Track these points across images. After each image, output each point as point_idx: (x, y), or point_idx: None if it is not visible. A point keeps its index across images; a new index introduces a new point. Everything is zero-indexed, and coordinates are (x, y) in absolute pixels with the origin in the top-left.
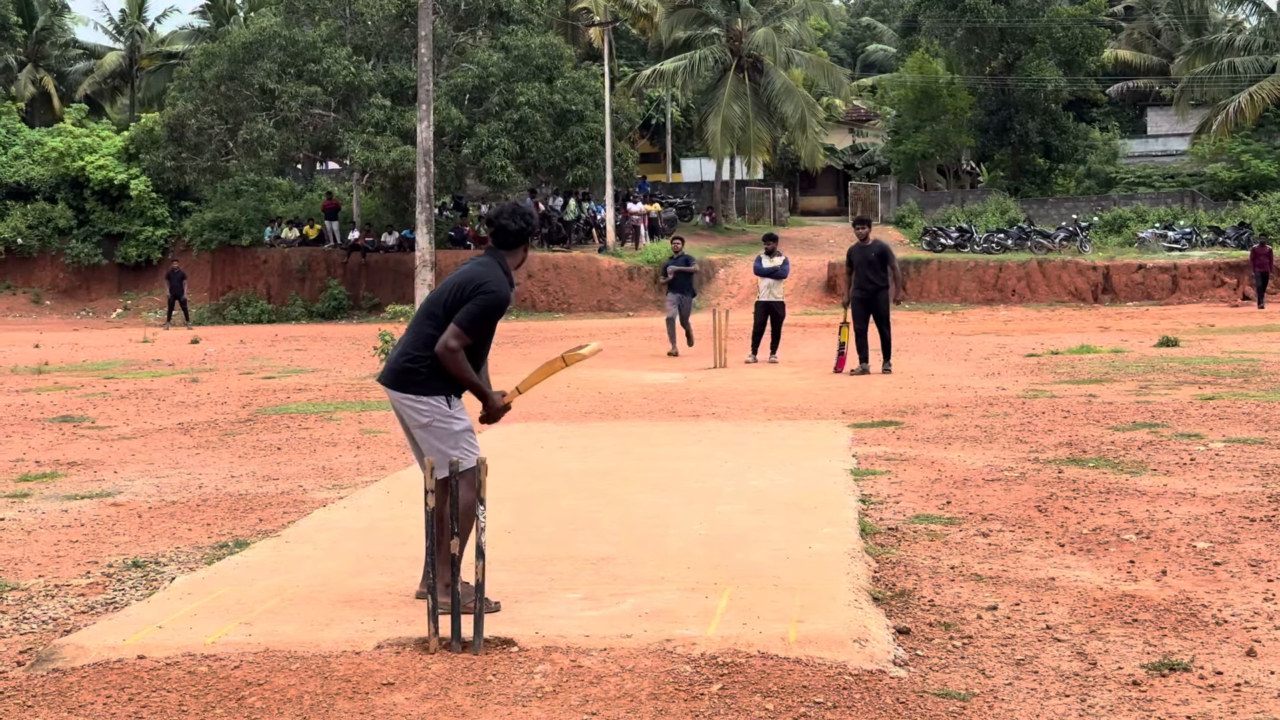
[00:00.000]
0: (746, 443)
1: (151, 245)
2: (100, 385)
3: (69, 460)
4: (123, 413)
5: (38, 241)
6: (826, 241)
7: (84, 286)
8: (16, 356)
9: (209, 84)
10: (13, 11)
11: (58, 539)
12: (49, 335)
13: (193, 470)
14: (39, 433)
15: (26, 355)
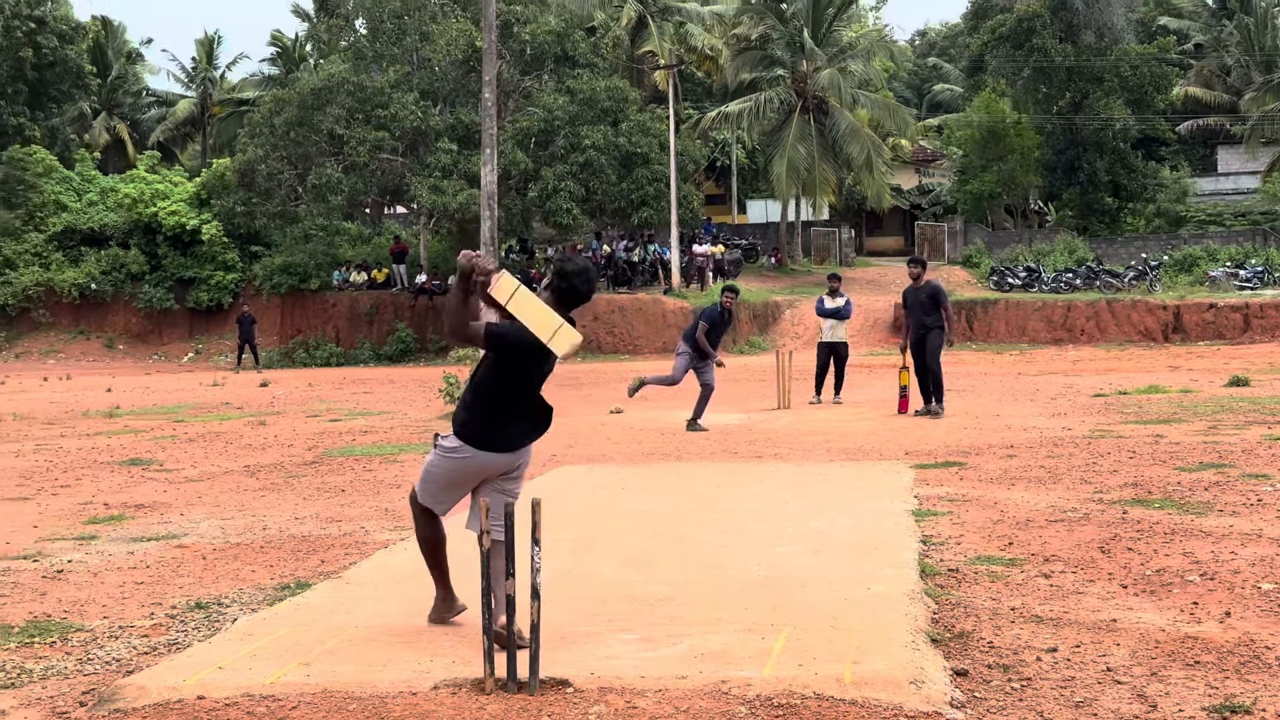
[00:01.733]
0: (808, 484)
1: (222, 290)
2: (170, 428)
3: (137, 503)
4: (191, 456)
5: (111, 287)
6: (892, 282)
7: (156, 331)
8: (89, 400)
9: (279, 130)
10: (88, 61)
11: (123, 581)
12: (121, 379)
13: (257, 512)
14: (108, 475)
15: (99, 399)
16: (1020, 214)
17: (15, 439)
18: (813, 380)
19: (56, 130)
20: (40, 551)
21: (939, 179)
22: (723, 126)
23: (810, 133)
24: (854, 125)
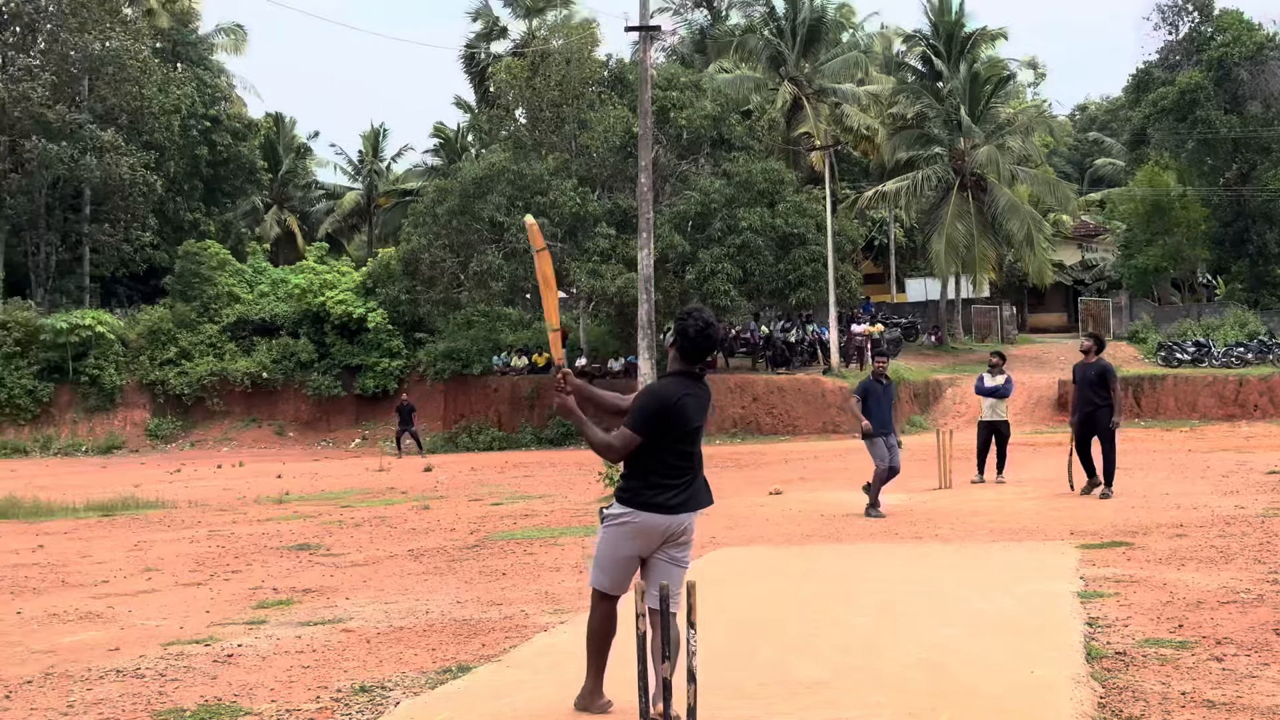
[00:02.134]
0: (969, 565)
1: (388, 376)
2: (337, 514)
3: (304, 587)
4: (356, 540)
5: (282, 375)
6: (1056, 359)
7: (324, 418)
8: (261, 487)
9: (441, 219)
10: (260, 156)
11: (290, 665)
12: (291, 465)
13: (420, 596)
14: (277, 560)
15: (269, 485)
16: (1187, 288)
17: (190, 525)
18: (974, 459)
19: (230, 224)
20: (212, 636)
21: (1102, 254)
22: (880, 205)
23: (969, 210)
24: (1013, 201)
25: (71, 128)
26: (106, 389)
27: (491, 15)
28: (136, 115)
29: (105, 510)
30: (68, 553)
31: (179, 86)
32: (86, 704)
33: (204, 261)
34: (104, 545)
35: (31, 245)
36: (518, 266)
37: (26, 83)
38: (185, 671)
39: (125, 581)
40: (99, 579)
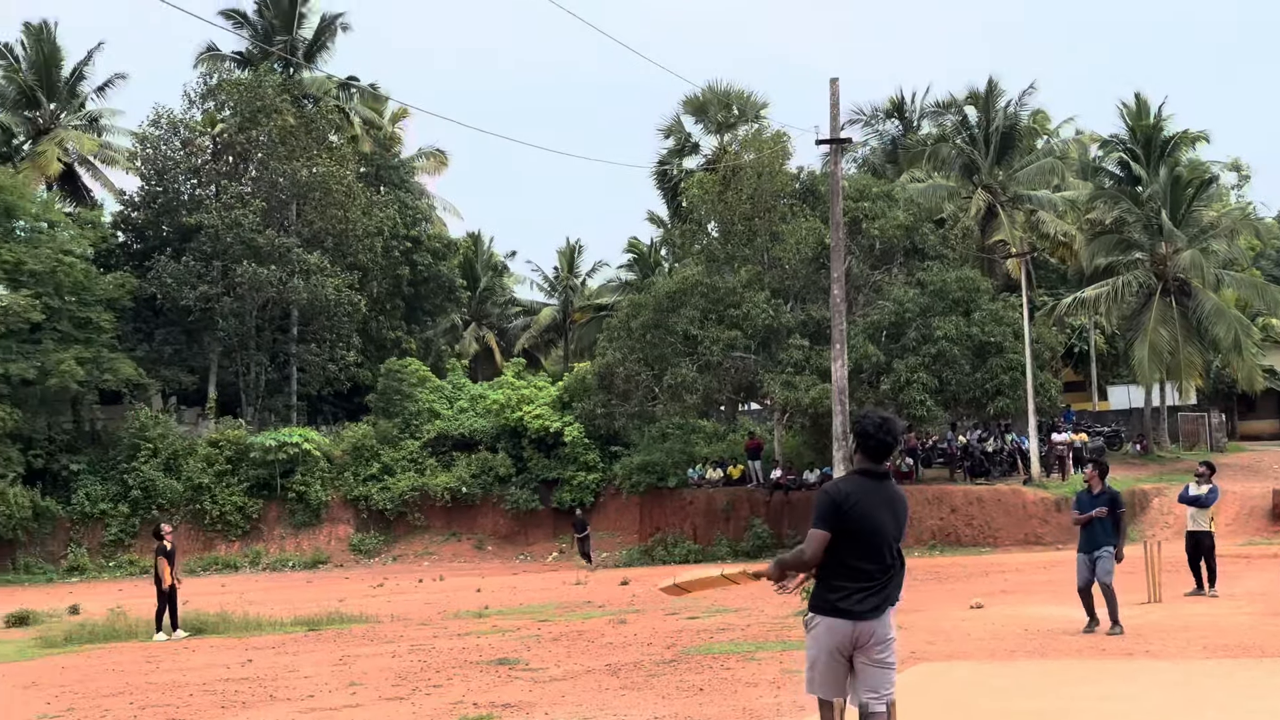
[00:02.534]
0: (1182, 683)
1: (584, 489)
2: (535, 628)
3: (504, 702)
4: (554, 654)
5: (480, 490)
6: (1270, 467)
7: (522, 532)
8: (460, 601)
9: (635, 333)
10: (459, 275)
11: None
12: (490, 579)
13: (619, 711)
14: (478, 675)
15: (469, 599)
16: None
17: (392, 639)
18: (1185, 572)
19: (430, 341)
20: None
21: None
22: (1079, 312)
23: (1172, 315)
24: (1219, 306)
25: (280, 251)
26: (312, 505)
27: (684, 131)
28: (341, 238)
29: (311, 625)
30: (276, 667)
31: (382, 209)
32: None
33: (405, 379)
34: (310, 659)
35: (242, 365)
36: (711, 379)
37: (239, 209)
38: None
39: (330, 696)
40: (305, 693)
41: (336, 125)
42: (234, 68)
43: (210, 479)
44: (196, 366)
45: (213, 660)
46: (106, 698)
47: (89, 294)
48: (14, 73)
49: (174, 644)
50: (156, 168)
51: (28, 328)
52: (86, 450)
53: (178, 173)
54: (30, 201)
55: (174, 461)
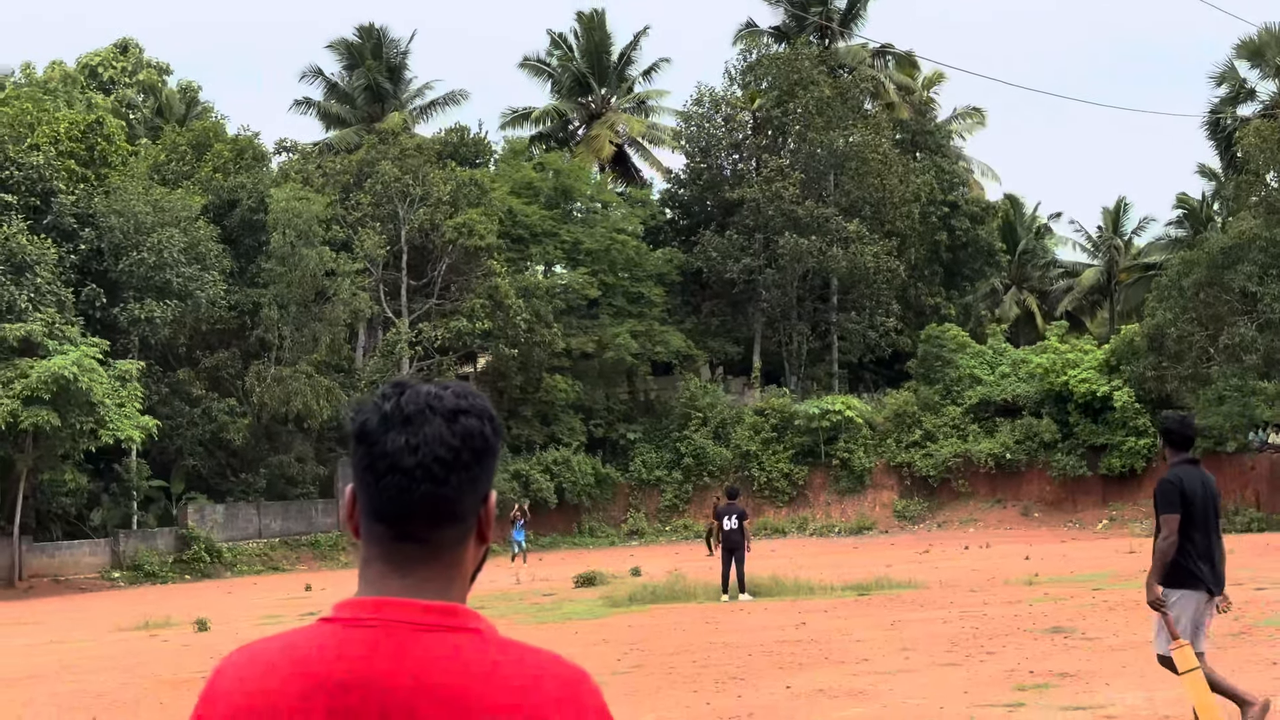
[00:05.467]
0: None
1: (1134, 455)
2: (1089, 596)
3: (1061, 671)
4: (1111, 624)
5: (1025, 456)
6: None
7: (1069, 498)
8: (1008, 568)
9: (1187, 292)
10: (998, 238)
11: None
12: (1038, 547)
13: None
14: (1031, 643)
15: (1017, 567)
16: None
17: (942, 605)
18: None
19: (969, 307)
20: (972, 717)
21: None
22: None
23: None
24: None
25: (819, 221)
26: (856, 471)
27: (1237, 78)
28: (879, 205)
29: (861, 590)
30: (829, 630)
31: (918, 175)
32: None
33: (945, 344)
34: (862, 624)
35: (784, 335)
36: (1272, 338)
37: (778, 182)
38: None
39: (884, 659)
40: (859, 656)
41: (872, 93)
42: (771, 42)
43: (757, 446)
44: (741, 337)
45: (768, 622)
46: (670, 655)
47: (640, 270)
48: (568, 61)
49: (732, 605)
50: (700, 145)
51: (585, 304)
52: (641, 419)
53: (719, 149)
54: (585, 184)
55: (723, 430)
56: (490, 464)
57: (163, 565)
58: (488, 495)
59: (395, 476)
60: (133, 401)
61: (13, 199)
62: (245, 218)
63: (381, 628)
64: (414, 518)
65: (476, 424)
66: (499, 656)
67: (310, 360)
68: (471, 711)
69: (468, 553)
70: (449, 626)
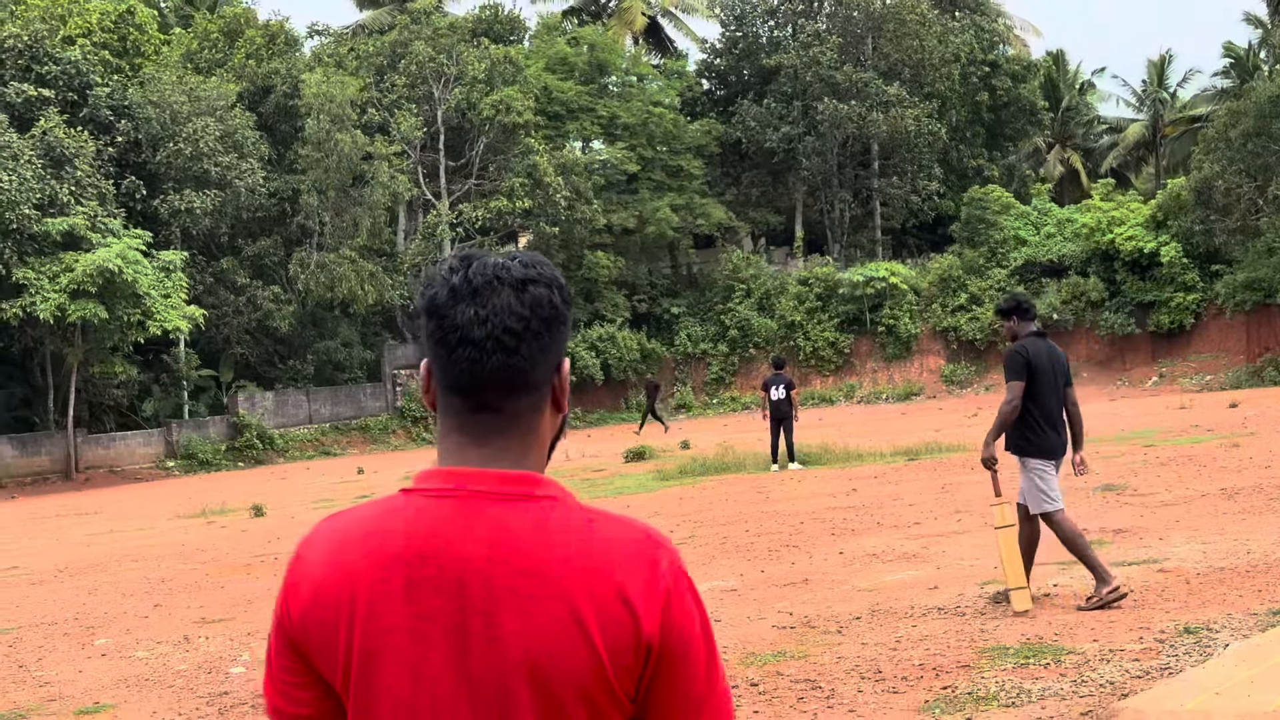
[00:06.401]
0: None
1: (1183, 311)
2: (1140, 453)
3: (1114, 527)
4: (1164, 480)
5: (1072, 315)
6: None
7: (1118, 357)
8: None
9: (1235, 143)
10: (1040, 97)
11: None
12: (1087, 406)
13: (1239, 536)
14: (1084, 501)
15: None
16: None
17: None
18: None
19: (1013, 167)
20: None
21: None
22: None
23: None
24: None
25: (858, 86)
26: (902, 337)
27: None
28: (918, 68)
29: (910, 455)
30: (879, 496)
31: (957, 35)
32: (913, 639)
33: (989, 206)
34: (912, 488)
35: (826, 203)
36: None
37: (815, 47)
38: (1003, 610)
39: (936, 523)
40: (911, 520)
41: None
42: None
43: (802, 316)
44: (782, 207)
45: (818, 490)
46: (723, 525)
47: (678, 143)
48: None
49: (782, 475)
50: (735, 13)
51: (625, 179)
52: (684, 293)
53: (755, 16)
54: (619, 57)
55: (767, 301)
56: (561, 332)
57: (216, 453)
58: (560, 364)
59: (466, 349)
60: (178, 292)
61: (50, 93)
62: (280, 104)
63: (459, 498)
64: (488, 388)
65: (545, 292)
66: (575, 522)
67: (352, 245)
68: (548, 577)
69: (544, 421)
70: (525, 495)
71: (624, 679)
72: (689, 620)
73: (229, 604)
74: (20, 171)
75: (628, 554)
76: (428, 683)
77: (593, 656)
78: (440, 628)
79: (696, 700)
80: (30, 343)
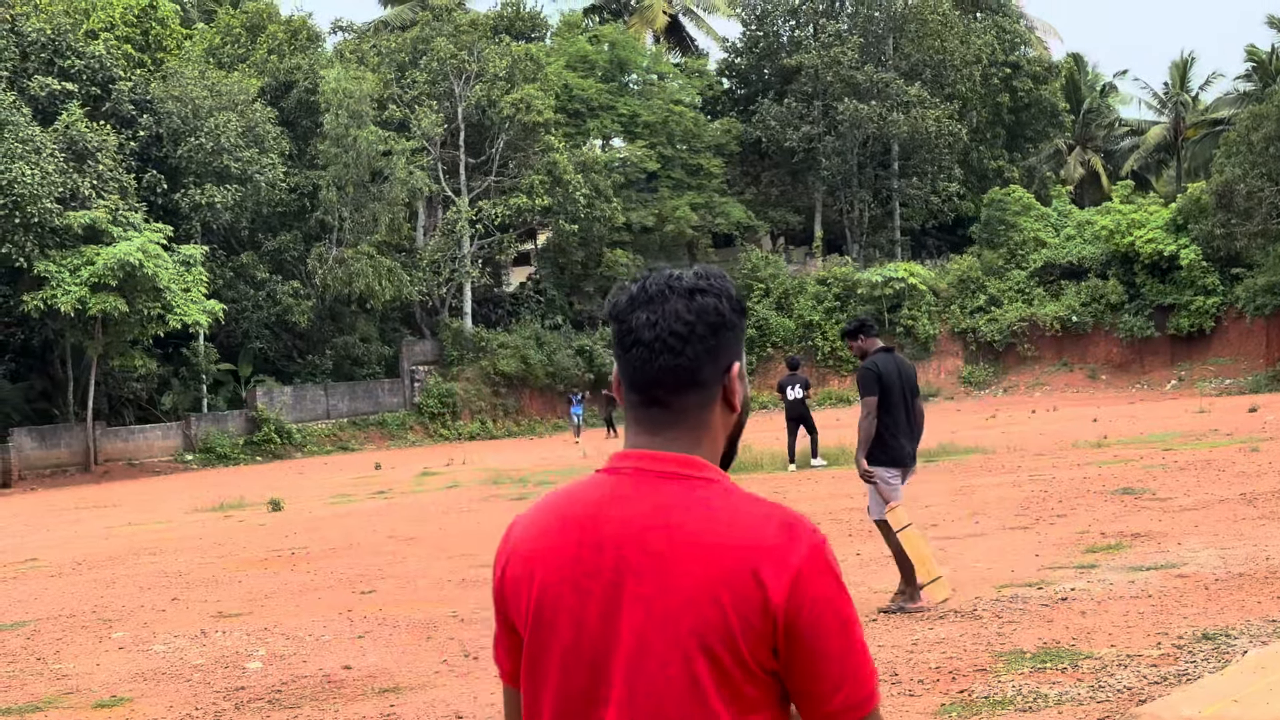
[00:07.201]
0: None
1: (1203, 314)
2: (1159, 457)
3: (1132, 531)
4: (1182, 484)
5: (1091, 318)
6: None
7: (1137, 359)
8: (1076, 430)
9: (1257, 146)
10: (1061, 99)
11: (1126, 609)
12: (1106, 408)
13: (1259, 542)
14: (1102, 504)
15: (1085, 429)
16: None
17: (1010, 470)
18: None
19: (1033, 169)
20: (1043, 580)
21: None
22: None
23: None
24: None
25: (879, 86)
26: (920, 338)
27: None
28: (939, 69)
29: (928, 456)
30: None
31: (979, 36)
32: (929, 642)
33: (1009, 208)
34: (930, 489)
35: (845, 203)
36: None
37: (836, 47)
38: (1021, 614)
39: (953, 525)
40: (928, 522)
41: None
42: None
43: (820, 316)
44: (802, 206)
45: (836, 490)
46: None
47: (698, 141)
48: None
49: (799, 475)
50: (756, 12)
51: (644, 177)
52: None
53: (776, 15)
54: (640, 55)
55: (785, 300)
56: (728, 337)
57: (234, 447)
58: (731, 366)
59: (639, 350)
60: (198, 286)
61: (74, 87)
62: (301, 99)
63: (630, 475)
64: (657, 385)
65: (713, 301)
66: (726, 502)
67: (371, 241)
68: (692, 547)
69: (712, 417)
70: (686, 475)
71: (754, 644)
72: (820, 597)
73: (246, 598)
74: (43, 165)
75: (767, 533)
76: (587, 631)
77: (723, 621)
78: (600, 584)
79: (831, 667)
80: (51, 335)
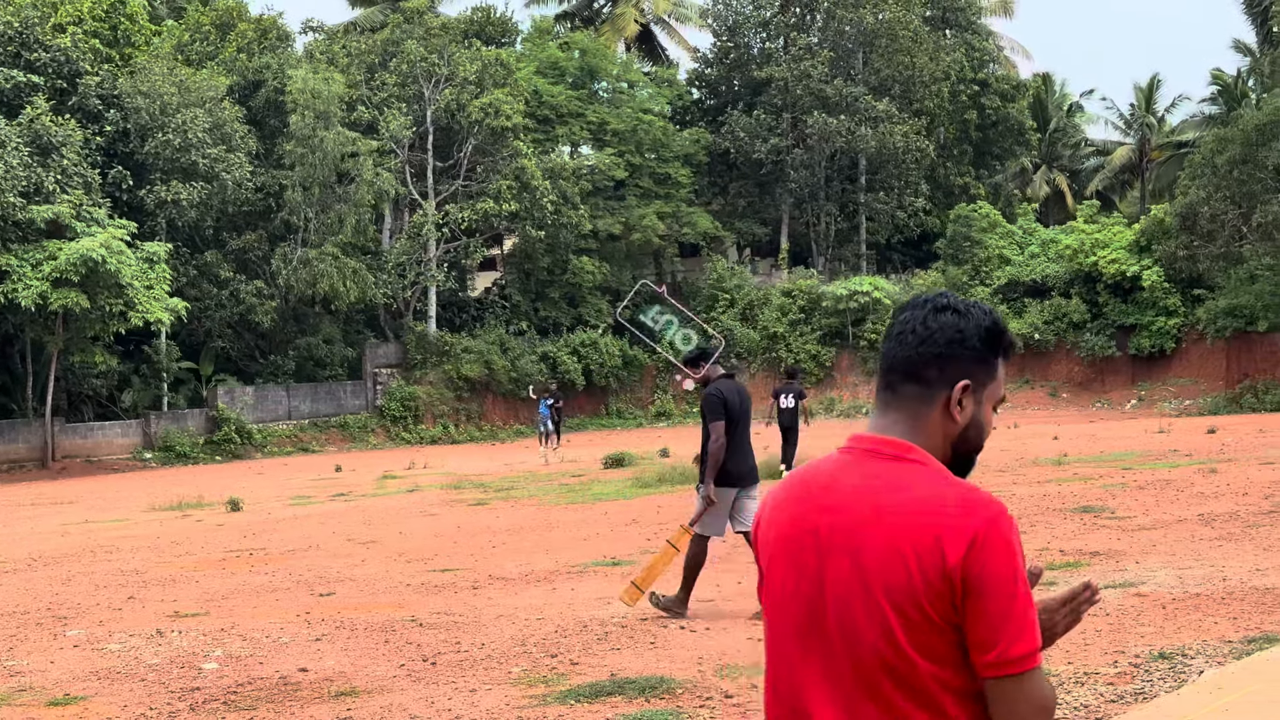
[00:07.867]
0: None
1: (1164, 335)
2: (1118, 476)
3: (1091, 550)
4: (1141, 503)
5: (1054, 336)
6: None
7: (1098, 378)
8: (1037, 448)
9: (1221, 169)
10: (1028, 117)
11: (1083, 627)
12: (1066, 427)
13: (1215, 562)
14: (1061, 522)
15: (1046, 447)
16: None
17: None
18: None
19: (999, 186)
20: None
21: None
22: None
23: None
24: None
25: (848, 100)
26: None
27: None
28: (908, 84)
29: None
30: None
31: (948, 53)
32: None
33: (975, 224)
34: None
35: (812, 216)
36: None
37: (807, 60)
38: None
39: None
40: None
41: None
42: None
43: (784, 328)
44: (768, 218)
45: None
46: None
47: (667, 150)
48: None
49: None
50: (727, 24)
51: (612, 185)
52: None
53: (748, 27)
54: (611, 63)
55: (750, 311)
56: (961, 353)
57: (194, 446)
58: (959, 381)
59: (890, 341)
60: (161, 283)
61: (40, 80)
62: (270, 99)
63: (854, 452)
64: (891, 371)
65: (954, 319)
66: (925, 481)
67: (336, 242)
68: (896, 514)
69: (930, 414)
70: (896, 456)
71: (935, 600)
72: (992, 562)
73: (203, 598)
74: (6, 159)
75: (953, 506)
76: (803, 581)
77: (909, 579)
78: (814, 541)
79: (998, 619)
80: (10, 330)
